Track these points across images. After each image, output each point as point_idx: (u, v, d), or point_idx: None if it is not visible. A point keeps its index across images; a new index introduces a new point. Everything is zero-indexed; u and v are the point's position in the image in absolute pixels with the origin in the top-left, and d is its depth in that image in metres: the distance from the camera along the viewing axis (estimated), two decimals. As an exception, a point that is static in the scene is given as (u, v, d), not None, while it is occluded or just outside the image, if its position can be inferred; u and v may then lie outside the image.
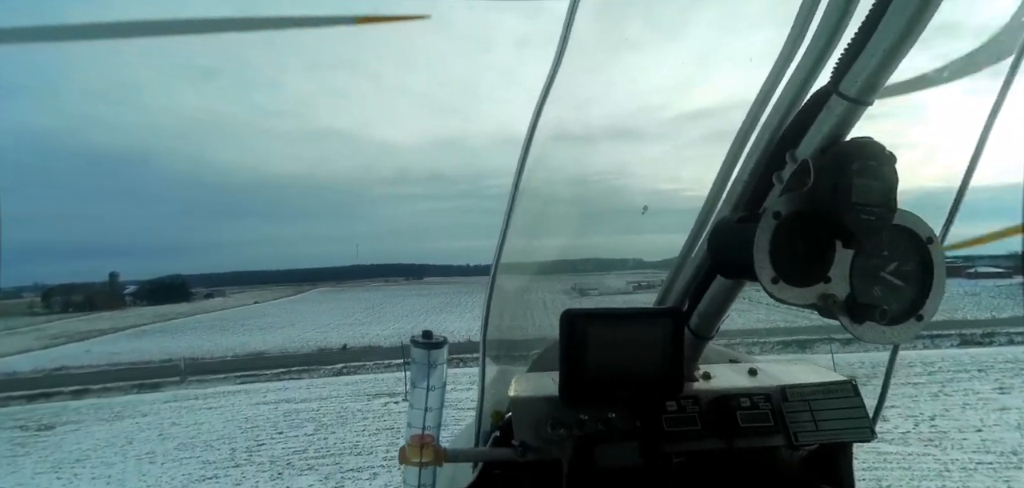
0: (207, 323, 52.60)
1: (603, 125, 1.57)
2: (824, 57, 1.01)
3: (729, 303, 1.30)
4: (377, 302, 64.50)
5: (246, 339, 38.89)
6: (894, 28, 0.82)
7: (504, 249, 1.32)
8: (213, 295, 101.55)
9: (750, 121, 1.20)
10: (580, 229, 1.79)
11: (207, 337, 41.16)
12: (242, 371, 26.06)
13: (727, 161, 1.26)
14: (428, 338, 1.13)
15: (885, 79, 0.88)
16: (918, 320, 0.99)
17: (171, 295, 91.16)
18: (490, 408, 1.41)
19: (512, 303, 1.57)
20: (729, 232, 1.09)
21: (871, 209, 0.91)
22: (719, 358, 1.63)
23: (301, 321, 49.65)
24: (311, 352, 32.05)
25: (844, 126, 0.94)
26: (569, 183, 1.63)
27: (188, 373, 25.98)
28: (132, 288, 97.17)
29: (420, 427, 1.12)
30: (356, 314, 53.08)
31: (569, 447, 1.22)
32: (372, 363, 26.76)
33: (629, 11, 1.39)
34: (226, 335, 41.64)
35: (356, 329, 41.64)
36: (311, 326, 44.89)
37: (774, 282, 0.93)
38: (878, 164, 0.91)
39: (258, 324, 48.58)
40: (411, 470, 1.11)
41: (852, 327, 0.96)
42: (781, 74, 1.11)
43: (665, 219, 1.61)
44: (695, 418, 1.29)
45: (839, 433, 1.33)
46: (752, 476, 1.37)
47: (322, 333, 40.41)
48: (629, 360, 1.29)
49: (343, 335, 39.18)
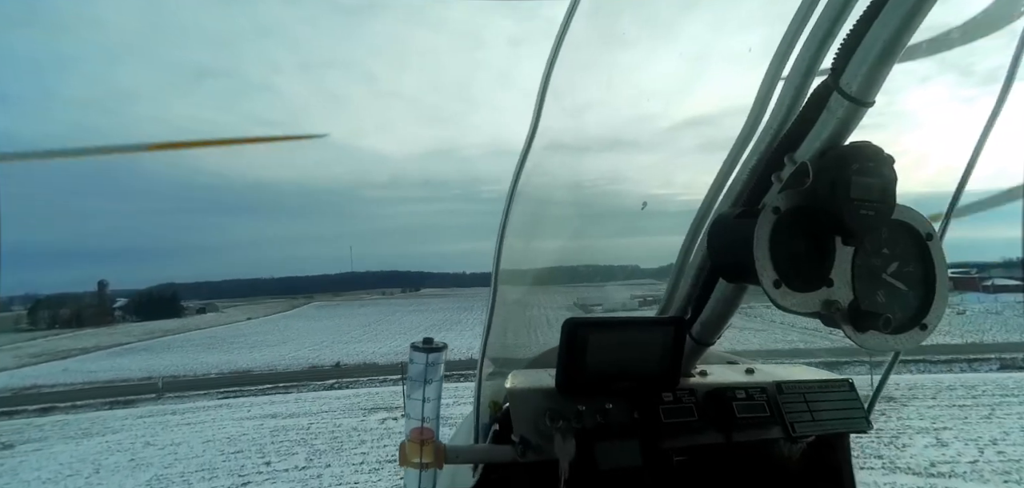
0: (198, 340, 50.71)
1: (598, 131, 1.58)
2: (823, 49, 1.02)
3: (732, 310, 1.27)
4: (373, 319, 62.55)
5: (234, 357, 37.13)
6: (894, 18, 0.84)
7: (503, 254, 1.27)
8: (205, 310, 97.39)
9: (751, 122, 1.21)
10: (575, 235, 1.79)
11: (194, 355, 39.33)
12: (225, 388, 24.32)
13: (727, 162, 1.27)
14: (429, 344, 1.13)
15: (886, 73, 0.88)
16: (922, 329, 1.00)
17: (162, 309, 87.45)
18: (487, 399, 1.34)
19: (514, 319, 1.56)
20: (728, 228, 1.07)
21: (869, 204, 0.91)
22: (717, 360, 1.59)
23: (294, 338, 47.93)
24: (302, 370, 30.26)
25: (844, 129, 0.94)
26: (564, 188, 1.62)
27: (166, 390, 24.19)
28: (122, 302, 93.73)
29: (419, 421, 1.10)
30: (352, 330, 51.42)
31: (569, 446, 1.17)
32: (366, 379, 25.08)
33: (624, 16, 1.40)
34: (214, 354, 39.81)
35: (350, 347, 39.93)
36: (304, 343, 43.19)
37: (776, 286, 0.93)
38: (876, 164, 0.92)
39: (249, 342, 46.76)
40: (411, 473, 1.10)
41: (855, 336, 0.95)
42: (780, 69, 1.14)
43: (660, 221, 1.64)
44: (692, 409, 1.29)
45: (835, 425, 1.34)
46: (751, 470, 1.39)
47: (314, 350, 38.69)
48: (627, 359, 1.28)
49: (336, 352, 37.60)
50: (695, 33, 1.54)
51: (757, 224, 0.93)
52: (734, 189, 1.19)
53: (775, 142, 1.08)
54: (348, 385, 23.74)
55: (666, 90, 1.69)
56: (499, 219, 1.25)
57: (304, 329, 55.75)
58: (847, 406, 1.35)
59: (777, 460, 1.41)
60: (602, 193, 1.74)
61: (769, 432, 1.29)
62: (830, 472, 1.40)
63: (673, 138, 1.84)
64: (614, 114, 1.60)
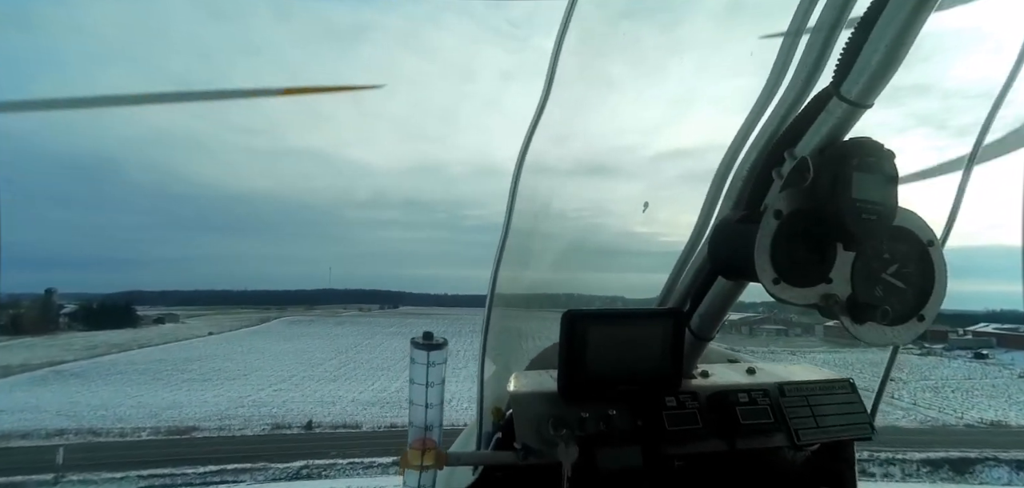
0: (143, 362, 43.40)
1: (582, 160, 1.63)
2: (822, 58, 1.03)
3: (730, 304, 1.30)
4: (350, 345, 55.84)
5: (182, 397, 30.38)
6: (892, 25, 0.83)
7: (496, 279, 1.30)
8: (164, 320, 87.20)
9: (749, 122, 1.22)
10: (559, 264, 1.79)
11: (133, 390, 32.33)
12: (154, 471, 17.89)
13: (726, 160, 1.28)
14: (428, 339, 1.13)
15: (887, 79, 0.89)
16: (920, 321, 1.01)
17: (114, 319, 77.82)
18: (490, 406, 1.34)
19: (512, 324, 1.60)
20: (730, 232, 1.09)
21: (872, 207, 0.92)
22: (718, 358, 1.61)
23: (259, 368, 41.12)
24: (263, 433, 23.79)
25: (842, 128, 0.95)
26: (549, 217, 1.64)
27: (68, 468, 17.62)
28: (70, 308, 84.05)
29: (421, 425, 1.11)
30: (326, 361, 44.78)
31: (572, 451, 1.15)
32: (347, 462, 18.93)
33: (611, 49, 1.44)
34: (158, 388, 32.91)
35: (324, 388, 33.51)
36: (269, 377, 36.54)
37: (775, 282, 0.94)
38: (877, 160, 0.92)
39: (204, 371, 39.77)
40: (412, 474, 1.11)
41: (853, 327, 0.97)
42: (780, 78, 1.14)
43: (642, 261, 1.75)
44: (695, 415, 1.28)
45: (839, 431, 1.33)
46: (754, 476, 1.37)
47: (280, 392, 32.16)
48: (628, 358, 1.29)
49: (307, 396, 31.18)
50: (679, 74, 1.61)
51: (759, 229, 0.94)
52: (734, 188, 1.21)
53: (775, 137, 1.09)
54: (322, 474, 17.59)
55: (648, 124, 1.79)
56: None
57: (271, 353, 48.89)
58: (850, 410, 1.34)
59: (780, 467, 1.40)
60: (586, 226, 1.78)
61: (773, 440, 1.28)
62: (833, 479, 1.41)
63: (656, 168, 1.85)
64: (598, 145, 1.64)
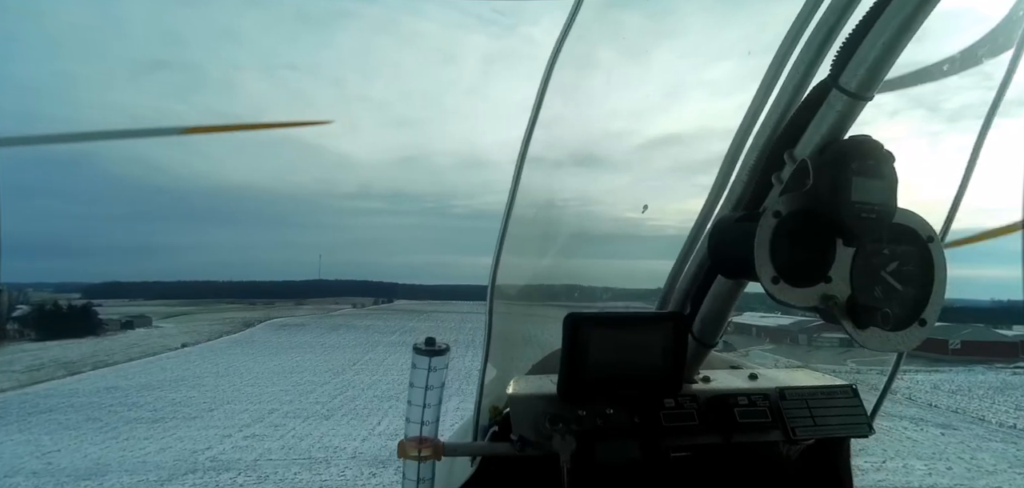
0: (87, 394, 34.61)
1: (573, 149, 1.59)
2: (823, 50, 1.03)
3: (731, 306, 1.31)
4: (347, 361, 47.35)
5: (112, 454, 21.85)
6: (894, 20, 0.84)
7: (500, 260, 1.30)
8: (133, 324, 75.92)
9: (750, 117, 1.22)
10: (555, 253, 1.77)
11: (50, 442, 23.70)
12: None
13: (727, 160, 1.29)
14: (431, 345, 1.11)
15: (885, 72, 0.89)
16: (921, 326, 1.01)
17: (74, 325, 65.42)
18: (488, 404, 1.36)
19: (512, 329, 1.58)
20: (729, 231, 1.09)
21: (871, 207, 0.92)
22: (721, 365, 1.60)
23: (231, 398, 32.61)
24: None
25: (843, 123, 0.95)
26: (544, 206, 1.63)
27: None
28: (21, 310, 73.73)
29: (418, 421, 1.09)
30: (318, 386, 36.34)
31: (569, 442, 1.17)
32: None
33: (605, 40, 1.41)
34: (87, 437, 24.29)
35: (314, 431, 25.15)
36: (241, 415, 28.09)
37: (775, 282, 0.94)
38: (876, 162, 0.92)
39: (158, 406, 31.14)
40: (410, 464, 1.10)
41: (855, 332, 0.96)
42: (780, 68, 1.15)
43: (632, 246, 1.76)
44: (693, 415, 1.29)
45: (836, 429, 1.34)
46: (750, 471, 1.37)
47: (252, 441, 23.75)
48: (629, 361, 1.30)
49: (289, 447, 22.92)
50: (670, 61, 1.64)
51: (758, 227, 0.93)
52: (735, 190, 1.22)
53: (774, 136, 1.09)
54: None
55: (641, 111, 1.75)
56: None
57: (250, 375, 40.26)
58: (849, 411, 1.35)
59: (775, 461, 1.40)
60: (578, 214, 1.75)
61: (769, 435, 1.29)
62: (828, 475, 1.42)
63: (646, 158, 1.80)
64: (588, 135, 1.61)
